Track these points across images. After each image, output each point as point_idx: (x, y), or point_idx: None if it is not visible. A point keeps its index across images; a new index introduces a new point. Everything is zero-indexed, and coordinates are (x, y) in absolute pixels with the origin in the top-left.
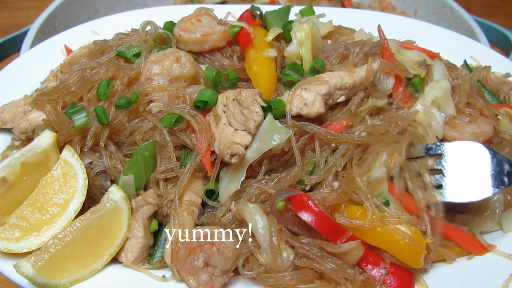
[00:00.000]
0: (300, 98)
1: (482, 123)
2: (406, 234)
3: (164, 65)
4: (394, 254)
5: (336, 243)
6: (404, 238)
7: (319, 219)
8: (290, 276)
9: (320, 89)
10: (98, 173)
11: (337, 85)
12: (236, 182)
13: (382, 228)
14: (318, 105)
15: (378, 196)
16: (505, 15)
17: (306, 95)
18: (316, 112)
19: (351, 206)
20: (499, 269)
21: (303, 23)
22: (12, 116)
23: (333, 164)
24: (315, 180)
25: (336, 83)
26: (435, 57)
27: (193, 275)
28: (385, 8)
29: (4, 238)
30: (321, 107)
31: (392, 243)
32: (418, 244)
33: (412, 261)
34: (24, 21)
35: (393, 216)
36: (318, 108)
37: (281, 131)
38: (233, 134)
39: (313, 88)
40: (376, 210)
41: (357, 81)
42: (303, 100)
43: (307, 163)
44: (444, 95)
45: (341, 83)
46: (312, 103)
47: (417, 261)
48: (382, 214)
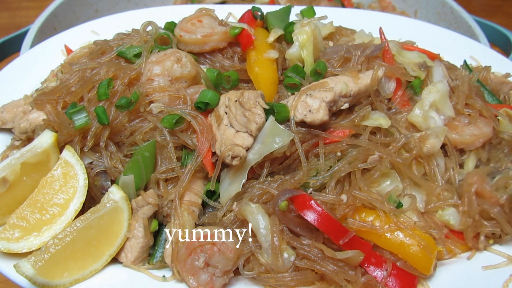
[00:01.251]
0: (305, 105)
1: (481, 124)
2: (421, 240)
3: (165, 65)
4: (405, 259)
5: (339, 243)
6: (418, 244)
7: (321, 218)
8: (291, 277)
9: (325, 96)
10: (98, 173)
11: (342, 92)
12: (237, 184)
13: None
14: (323, 112)
15: (389, 200)
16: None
17: (311, 101)
18: (321, 119)
19: (363, 210)
20: (499, 269)
21: (305, 25)
22: (12, 116)
23: (338, 169)
24: (320, 181)
25: (341, 90)
26: (435, 58)
27: (193, 275)
28: (385, 8)
29: (4, 238)
30: (326, 115)
31: (405, 248)
32: (431, 251)
33: (423, 268)
34: (24, 21)
35: (408, 222)
36: (323, 116)
37: (283, 134)
38: (234, 135)
39: (318, 95)
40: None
41: (362, 89)
42: (307, 106)
43: (311, 169)
44: (442, 98)
45: (346, 90)
46: (317, 110)
47: (429, 268)
48: (397, 219)
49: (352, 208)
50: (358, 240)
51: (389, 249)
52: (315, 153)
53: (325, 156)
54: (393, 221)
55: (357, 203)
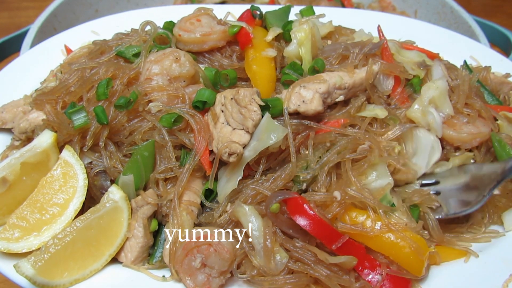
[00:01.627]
0: (298, 96)
1: (479, 124)
2: (412, 242)
3: (164, 65)
4: (397, 261)
5: (332, 248)
6: (409, 246)
7: (314, 223)
8: (284, 280)
9: (319, 88)
10: (98, 173)
11: (337, 85)
12: (233, 181)
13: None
14: (316, 103)
15: (382, 200)
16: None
17: (304, 92)
18: (314, 109)
19: (353, 209)
20: (498, 269)
21: (303, 23)
22: (12, 116)
23: (327, 160)
24: (310, 174)
25: (335, 82)
26: (434, 57)
27: (190, 276)
28: (385, 8)
29: (4, 238)
30: (319, 105)
31: (397, 250)
32: (423, 252)
33: (415, 270)
34: (24, 21)
35: (399, 223)
36: (316, 106)
37: (278, 129)
38: (231, 133)
39: (312, 86)
40: (383, 216)
41: (357, 82)
42: (301, 97)
43: (301, 161)
44: (441, 95)
45: (340, 82)
46: (310, 100)
47: (420, 270)
48: (388, 220)
49: (344, 207)
50: (351, 244)
51: (380, 251)
52: (306, 145)
53: (315, 147)
54: (384, 221)
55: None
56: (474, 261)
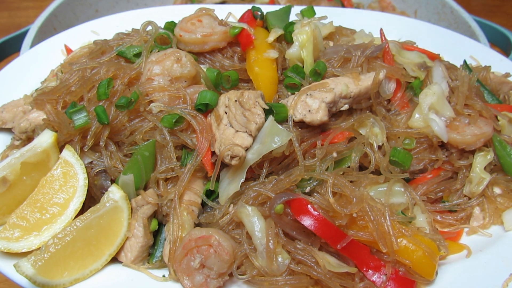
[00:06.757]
0: (305, 104)
1: (482, 124)
2: (426, 247)
3: (165, 65)
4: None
5: (336, 248)
6: (424, 250)
7: (318, 223)
8: (284, 281)
9: (325, 97)
10: (98, 173)
11: (342, 94)
12: (235, 183)
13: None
14: (322, 113)
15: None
16: (505, 15)
17: (310, 101)
18: (320, 120)
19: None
20: (498, 268)
21: (305, 25)
22: (12, 116)
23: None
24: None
25: (341, 91)
26: (435, 58)
27: (188, 276)
28: (385, 8)
29: (4, 237)
30: (325, 115)
31: (409, 254)
32: (435, 256)
33: (427, 273)
34: (24, 21)
35: (412, 228)
36: (322, 116)
37: (282, 133)
38: (234, 135)
39: (318, 95)
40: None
41: (362, 91)
42: (307, 106)
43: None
44: (439, 99)
45: (346, 91)
46: (317, 110)
47: (432, 273)
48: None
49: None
50: (356, 244)
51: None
52: (312, 154)
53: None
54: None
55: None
56: (474, 261)
